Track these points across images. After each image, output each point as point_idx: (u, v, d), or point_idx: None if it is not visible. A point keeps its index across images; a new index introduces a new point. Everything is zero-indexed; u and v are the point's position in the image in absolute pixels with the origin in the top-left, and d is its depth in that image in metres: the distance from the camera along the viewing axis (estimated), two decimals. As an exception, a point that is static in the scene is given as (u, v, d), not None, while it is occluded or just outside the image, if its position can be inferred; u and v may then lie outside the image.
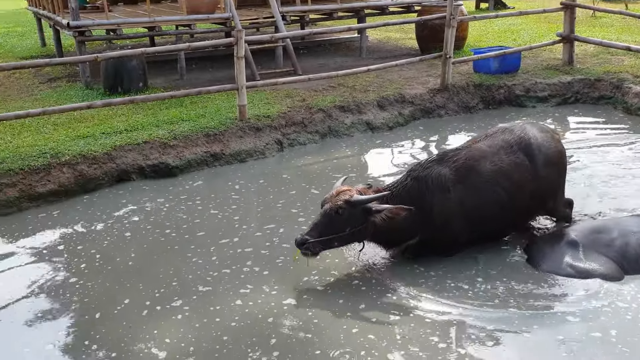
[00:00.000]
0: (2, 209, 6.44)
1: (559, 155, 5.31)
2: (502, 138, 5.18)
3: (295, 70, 11.14)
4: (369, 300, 4.60)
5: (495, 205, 4.99)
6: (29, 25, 19.11)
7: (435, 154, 5.34)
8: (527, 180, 5.06)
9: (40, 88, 10.67)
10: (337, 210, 4.72)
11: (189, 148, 7.84)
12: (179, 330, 4.34)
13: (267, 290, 4.82)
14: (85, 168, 7.06)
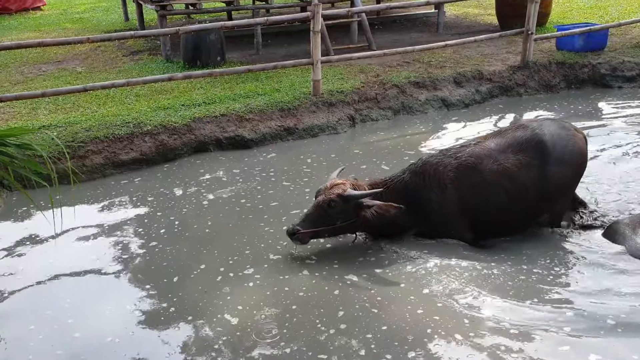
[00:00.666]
0: (88, 174, 6.79)
1: (576, 156, 4.90)
2: (513, 135, 4.91)
3: (370, 46, 11.04)
4: (433, 284, 4.52)
5: (495, 206, 4.81)
6: (112, 0, 19.81)
7: (439, 150, 5.21)
8: (534, 181, 4.77)
9: (123, 61, 11.08)
10: (329, 203, 4.75)
11: (263, 122, 7.98)
12: (250, 298, 4.46)
13: (331, 264, 4.87)
14: (165, 138, 7.32)
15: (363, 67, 9.77)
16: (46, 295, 4.61)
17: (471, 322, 4.03)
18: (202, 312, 4.31)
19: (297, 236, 4.77)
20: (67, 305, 4.45)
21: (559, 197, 4.94)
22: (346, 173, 5.61)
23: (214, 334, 4.06)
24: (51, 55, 11.55)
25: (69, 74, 10.04)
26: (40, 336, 4.09)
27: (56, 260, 5.08)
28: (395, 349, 3.80)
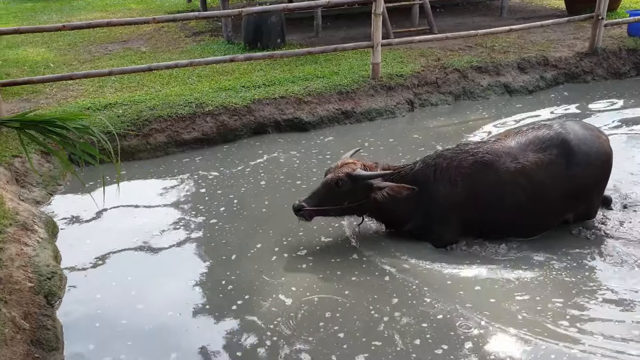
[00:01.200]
0: (152, 152, 6.99)
1: (602, 157, 4.70)
2: (535, 134, 4.72)
3: (431, 29, 10.86)
4: (482, 278, 4.48)
5: (509, 205, 4.61)
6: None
7: (457, 144, 4.98)
8: (555, 180, 4.56)
9: (185, 41, 11.29)
10: (337, 182, 4.63)
11: (321, 105, 7.99)
12: (304, 279, 4.51)
13: (380, 249, 4.86)
14: (226, 119, 7.45)
15: (424, 50, 9.64)
16: (111, 267, 4.79)
17: (524, 318, 3.94)
18: (258, 291, 4.39)
19: (302, 213, 4.68)
20: (130, 278, 4.62)
21: (584, 197, 4.77)
22: (376, 157, 5.53)
23: (269, 314, 4.12)
24: (117, 35, 11.89)
25: (134, 54, 10.32)
26: (106, 304, 4.27)
27: (120, 234, 5.26)
28: (451, 339, 3.75)
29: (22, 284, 4.02)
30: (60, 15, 14.41)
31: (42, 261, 4.41)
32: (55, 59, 10.06)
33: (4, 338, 3.35)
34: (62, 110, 7.18)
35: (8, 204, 5.01)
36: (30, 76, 8.55)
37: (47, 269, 4.35)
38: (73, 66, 9.55)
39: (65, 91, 8.19)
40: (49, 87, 8.26)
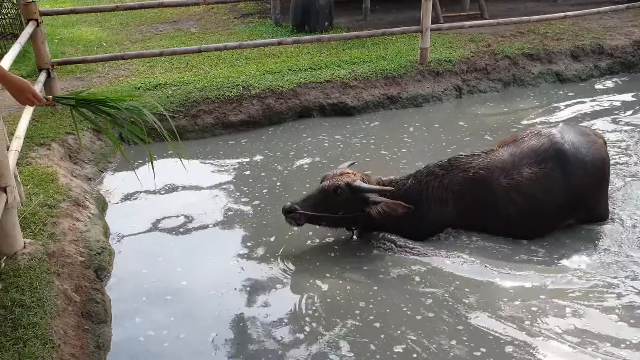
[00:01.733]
0: (199, 133, 7.12)
1: (599, 164, 4.58)
2: (529, 145, 4.58)
3: (482, 14, 10.66)
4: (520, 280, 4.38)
5: (502, 221, 4.52)
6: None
7: (447, 159, 4.78)
8: (551, 193, 4.46)
9: (234, 23, 11.39)
10: (336, 189, 4.48)
11: (367, 89, 7.96)
12: (334, 268, 4.49)
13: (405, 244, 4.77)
14: (272, 102, 7.50)
15: (473, 36, 9.46)
16: (157, 244, 4.93)
17: (566, 323, 3.83)
18: (296, 276, 4.43)
19: (293, 215, 4.48)
20: (176, 254, 4.74)
21: (582, 205, 4.64)
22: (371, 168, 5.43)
23: (307, 298, 4.15)
24: (167, 16, 12.07)
25: (184, 34, 10.47)
26: (152, 279, 4.41)
27: (166, 212, 5.38)
28: (489, 343, 3.65)
29: (73, 257, 4.19)
30: (113, -5, 14.70)
31: (92, 236, 4.58)
32: (108, 39, 10.29)
33: (57, 309, 3.51)
34: (113, 89, 7.37)
35: (61, 179, 5.21)
36: (84, 55, 8.81)
37: (97, 244, 4.51)
38: (125, 46, 9.75)
39: (117, 70, 8.40)
40: (102, 66, 8.48)
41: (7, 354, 3.07)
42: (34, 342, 3.19)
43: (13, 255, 3.89)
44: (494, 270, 4.32)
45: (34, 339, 3.21)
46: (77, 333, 3.53)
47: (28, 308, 3.42)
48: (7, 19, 8.87)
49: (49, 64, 6.76)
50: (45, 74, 6.70)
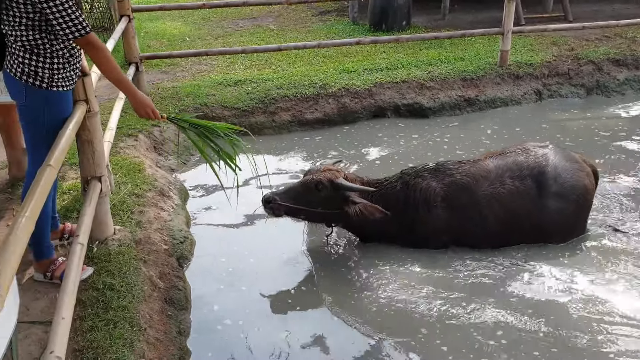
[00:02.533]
0: (276, 129, 7.29)
1: (578, 191, 4.51)
2: (514, 159, 4.59)
3: (566, 16, 10.33)
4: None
5: (483, 230, 4.51)
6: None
7: (434, 163, 4.75)
8: (528, 211, 4.46)
9: (312, 20, 11.52)
10: (317, 184, 4.45)
11: (444, 90, 7.90)
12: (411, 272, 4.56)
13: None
14: (347, 101, 7.58)
15: (556, 39, 9.19)
16: (235, 234, 5.11)
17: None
18: (378, 273, 4.48)
19: (272, 205, 4.46)
20: (252, 246, 4.90)
21: (555, 231, 4.60)
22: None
23: (375, 303, 4.18)
24: (247, 12, 12.35)
25: (263, 31, 10.69)
26: (230, 269, 4.58)
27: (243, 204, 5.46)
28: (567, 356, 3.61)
29: (158, 245, 4.42)
30: (196, -10, 15.15)
31: (175, 225, 4.80)
32: (191, 33, 10.65)
33: (143, 295, 3.73)
34: (196, 83, 7.66)
35: (148, 170, 5.48)
36: (169, 49, 9.17)
37: (180, 233, 4.74)
38: (207, 41, 10.07)
39: (199, 65, 8.70)
40: (185, 61, 8.80)
41: (99, 334, 3.29)
42: (123, 324, 3.40)
43: (104, 240, 4.14)
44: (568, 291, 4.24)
45: (123, 321, 3.42)
46: (161, 318, 3.74)
47: (118, 292, 3.64)
48: (99, 12, 9.36)
49: (137, 58, 7.10)
50: (134, 67, 7.04)
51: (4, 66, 3.32)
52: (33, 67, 3.23)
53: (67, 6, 3.05)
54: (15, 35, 3.19)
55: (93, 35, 3.21)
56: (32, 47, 3.20)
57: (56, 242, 4.08)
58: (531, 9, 11.00)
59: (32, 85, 3.25)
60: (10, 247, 2.14)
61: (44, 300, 3.58)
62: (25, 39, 3.18)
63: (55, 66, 3.29)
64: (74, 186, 4.90)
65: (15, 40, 3.20)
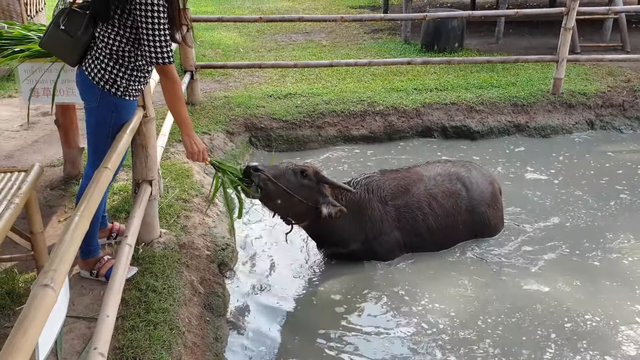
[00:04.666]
0: (322, 143, 7.37)
1: (495, 193, 5.22)
2: (442, 167, 5.18)
3: (624, 46, 10.12)
4: None
5: (427, 228, 4.90)
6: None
7: (379, 170, 5.19)
8: (460, 209, 5.00)
9: (364, 38, 11.60)
10: (302, 171, 4.52)
11: (493, 115, 7.84)
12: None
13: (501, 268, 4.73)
14: (395, 120, 7.60)
15: (612, 69, 9.01)
16: (276, 247, 5.14)
17: None
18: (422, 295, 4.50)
19: (259, 175, 4.29)
20: (289, 260, 4.95)
21: (484, 226, 5.17)
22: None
23: (442, 316, 4.22)
24: (301, 27, 12.53)
25: (315, 46, 10.83)
26: (268, 281, 4.63)
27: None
28: None
29: (201, 251, 4.51)
30: (252, 1, 15.48)
31: (219, 233, 4.90)
32: (245, 44, 10.88)
33: (184, 298, 3.81)
34: (247, 94, 7.81)
35: (195, 176, 5.61)
36: (223, 59, 9.39)
37: (222, 240, 4.82)
38: (260, 53, 10.26)
39: (251, 77, 8.86)
40: (238, 72, 8.99)
41: (139, 334, 3.38)
42: (162, 326, 3.48)
43: (150, 242, 4.25)
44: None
45: (163, 323, 3.50)
46: (199, 323, 3.81)
47: (160, 294, 3.73)
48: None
49: (193, 66, 7.29)
50: (189, 75, 7.24)
51: (82, 68, 3.46)
52: (114, 75, 3.37)
53: (162, 33, 3.20)
54: (105, 42, 3.32)
55: (173, 67, 3.36)
56: (118, 57, 3.35)
57: (103, 241, 4.22)
58: (588, 38, 10.84)
59: (108, 92, 3.39)
60: (65, 244, 2.24)
61: (88, 297, 3.70)
62: (115, 48, 3.32)
63: (133, 78, 3.43)
64: (124, 187, 5.06)
65: (104, 48, 3.34)
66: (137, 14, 3.17)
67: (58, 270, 2.08)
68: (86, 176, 3.62)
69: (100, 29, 3.34)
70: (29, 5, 9.14)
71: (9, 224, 3.01)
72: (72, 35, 3.36)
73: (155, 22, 3.17)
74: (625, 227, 5.44)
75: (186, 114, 3.62)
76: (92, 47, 3.42)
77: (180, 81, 3.57)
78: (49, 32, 3.47)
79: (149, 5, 3.13)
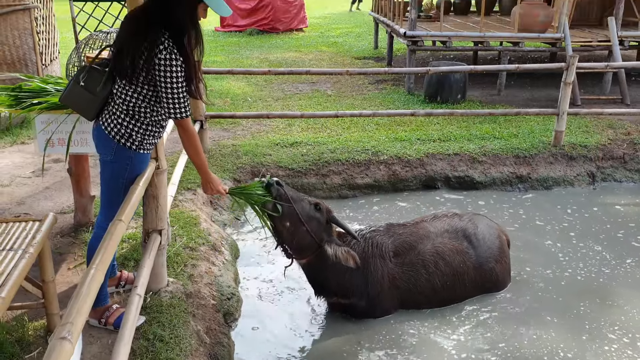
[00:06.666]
0: (327, 191, 7.48)
1: (503, 248, 5.18)
2: (449, 222, 5.10)
3: (623, 100, 10.33)
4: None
5: (431, 286, 4.84)
6: (365, 27, 21.21)
7: (385, 223, 5.09)
8: (467, 267, 4.95)
9: (368, 88, 11.86)
10: (317, 205, 4.57)
11: (495, 166, 7.96)
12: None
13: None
14: (398, 169, 7.73)
15: (612, 122, 9.18)
16: (280, 297, 5.21)
17: None
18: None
19: (279, 190, 4.35)
20: (295, 310, 5.01)
21: (492, 282, 5.13)
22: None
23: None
24: (307, 77, 12.82)
25: (321, 96, 11.07)
26: (274, 331, 4.68)
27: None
28: None
29: (207, 300, 4.57)
30: (260, 51, 15.86)
31: (225, 281, 4.96)
32: (253, 94, 11.13)
33: (190, 348, 3.85)
34: (255, 143, 7.98)
35: (203, 224, 5.70)
36: (232, 108, 9.62)
37: (228, 289, 4.89)
38: (267, 102, 10.50)
39: (259, 125, 9.06)
40: (245, 120, 9.19)
41: (146, 383, 3.42)
42: (169, 376, 3.53)
43: (157, 291, 4.32)
44: None
45: (169, 373, 3.55)
46: (204, 373, 3.85)
47: (167, 344, 3.78)
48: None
49: (203, 116, 7.49)
50: (199, 124, 7.42)
51: (99, 122, 3.60)
52: (129, 129, 3.52)
53: (180, 90, 3.38)
54: (122, 99, 3.48)
55: (189, 120, 3.54)
56: (134, 112, 3.50)
57: (112, 289, 4.29)
58: (588, 90, 11.06)
59: (123, 146, 3.54)
60: (82, 297, 2.33)
61: (97, 345, 3.75)
62: (131, 105, 3.48)
63: (148, 132, 3.59)
64: (133, 235, 5.16)
65: (121, 104, 3.49)
66: (155, 72, 3.33)
67: (75, 323, 2.16)
68: (99, 227, 3.72)
69: (118, 86, 3.50)
70: (44, 55, 9.44)
71: (24, 273, 3.10)
72: (91, 92, 3.53)
73: (173, 79, 3.33)
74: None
75: (202, 160, 3.80)
76: (109, 102, 3.58)
77: (196, 132, 3.73)
78: (69, 88, 3.63)
79: (168, 63, 3.30)
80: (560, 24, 10.65)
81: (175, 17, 3.32)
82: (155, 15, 3.34)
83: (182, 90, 3.39)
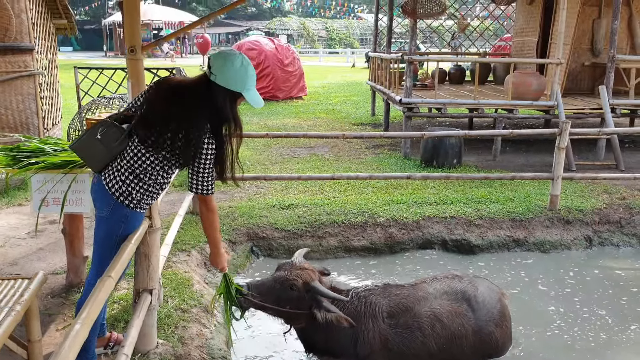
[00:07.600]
0: (323, 253, 7.44)
1: (503, 311, 4.99)
2: (449, 284, 4.92)
3: (618, 165, 10.43)
4: None
5: (426, 350, 4.63)
6: (362, 95, 21.66)
7: (382, 283, 5.00)
8: (466, 332, 4.74)
9: (365, 152, 12.00)
10: (291, 286, 4.40)
11: (492, 229, 7.95)
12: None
13: None
14: (395, 231, 7.72)
15: (607, 186, 9.24)
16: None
17: None
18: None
19: (241, 299, 4.35)
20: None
21: (492, 348, 4.92)
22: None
23: None
24: (305, 141, 13.00)
25: (318, 159, 11.19)
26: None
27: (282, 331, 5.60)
28: None
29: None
30: (260, 118, 16.15)
31: (216, 345, 4.86)
32: (251, 157, 11.25)
33: (178, 412, 3.74)
34: (251, 205, 8.01)
35: (196, 286, 5.65)
36: (228, 171, 9.67)
37: (219, 352, 4.78)
38: (265, 165, 10.60)
39: (256, 187, 9.12)
40: (243, 183, 9.25)
41: None
42: None
43: (146, 353, 4.23)
44: None
45: None
46: None
47: (154, 407, 3.67)
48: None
49: (199, 178, 7.54)
50: (195, 187, 7.46)
51: (101, 177, 3.61)
52: (130, 188, 3.55)
53: (209, 172, 3.45)
54: (134, 160, 3.52)
55: (212, 198, 3.59)
56: (139, 173, 3.54)
57: (100, 350, 4.20)
58: (583, 155, 11.20)
59: (121, 203, 3.55)
60: (64, 351, 2.28)
61: (81, 408, 3.63)
62: (137, 165, 3.52)
63: (148, 192, 3.62)
64: (124, 297, 5.09)
65: (129, 163, 3.53)
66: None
67: (56, 378, 2.11)
68: (89, 283, 3.69)
69: (133, 146, 3.53)
70: (47, 119, 9.61)
71: (9, 331, 3.05)
72: (106, 146, 3.55)
73: (207, 161, 3.41)
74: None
75: (218, 239, 3.86)
76: (114, 159, 3.60)
77: (217, 210, 3.76)
78: (84, 139, 3.65)
79: (205, 147, 3.37)
80: (553, 92, 10.91)
81: (220, 108, 3.40)
82: (205, 101, 3.40)
83: (212, 170, 3.45)
